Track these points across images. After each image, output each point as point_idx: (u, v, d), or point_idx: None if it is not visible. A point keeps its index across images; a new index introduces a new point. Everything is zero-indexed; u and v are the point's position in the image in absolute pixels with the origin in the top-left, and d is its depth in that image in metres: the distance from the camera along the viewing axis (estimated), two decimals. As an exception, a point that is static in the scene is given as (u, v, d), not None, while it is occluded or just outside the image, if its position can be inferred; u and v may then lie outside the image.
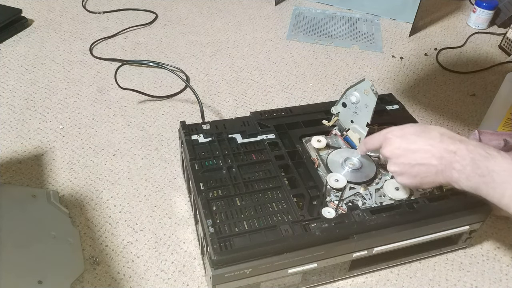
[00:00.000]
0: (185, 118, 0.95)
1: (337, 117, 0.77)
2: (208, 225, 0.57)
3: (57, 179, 0.80)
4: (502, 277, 0.69)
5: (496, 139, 0.85)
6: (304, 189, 0.64)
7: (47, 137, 0.89)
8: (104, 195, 0.78)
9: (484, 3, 1.32)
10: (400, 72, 1.15)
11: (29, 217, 0.69)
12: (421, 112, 1.02)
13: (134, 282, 0.65)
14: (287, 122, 0.76)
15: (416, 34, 1.32)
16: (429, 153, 0.55)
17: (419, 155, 0.56)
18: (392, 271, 0.69)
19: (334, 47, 1.23)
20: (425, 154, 0.56)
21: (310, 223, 0.59)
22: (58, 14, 1.29)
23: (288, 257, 0.57)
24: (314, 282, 0.64)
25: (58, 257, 0.66)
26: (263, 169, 0.67)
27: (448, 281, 0.68)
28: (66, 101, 0.98)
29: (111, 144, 0.88)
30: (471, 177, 0.52)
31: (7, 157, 0.83)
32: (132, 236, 0.71)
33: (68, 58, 1.11)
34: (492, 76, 1.16)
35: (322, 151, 0.72)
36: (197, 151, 0.69)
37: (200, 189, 0.63)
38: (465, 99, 1.07)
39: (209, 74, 1.09)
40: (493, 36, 1.33)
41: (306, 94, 1.05)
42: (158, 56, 1.14)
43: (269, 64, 1.15)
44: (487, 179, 0.51)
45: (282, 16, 1.37)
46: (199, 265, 0.68)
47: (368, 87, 0.68)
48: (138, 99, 1.00)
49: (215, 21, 1.32)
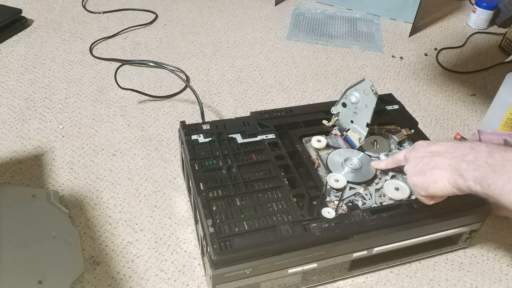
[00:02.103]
0: (185, 118, 0.95)
1: (337, 117, 0.77)
2: (208, 225, 0.57)
3: (57, 179, 0.80)
4: (502, 277, 0.69)
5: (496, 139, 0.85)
6: (304, 189, 0.64)
7: (47, 137, 0.89)
8: (104, 195, 0.78)
9: (484, 3, 1.32)
10: (400, 72, 1.15)
11: (29, 217, 0.69)
12: (421, 112, 1.02)
13: (134, 282, 0.65)
14: (287, 122, 0.76)
15: (416, 34, 1.32)
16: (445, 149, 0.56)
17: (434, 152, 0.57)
18: (392, 271, 0.69)
19: (334, 47, 1.23)
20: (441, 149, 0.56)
21: (310, 223, 0.59)
22: (58, 14, 1.29)
23: (288, 257, 0.57)
24: (314, 282, 0.64)
25: (58, 257, 0.66)
26: (263, 169, 0.67)
27: (448, 281, 0.68)
28: (66, 101, 0.98)
29: (111, 144, 0.88)
30: (480, 167, 0.51)
31: (7, 157, 0.83)
32: (132, 236, 0.71)
33: (68, 58, 1.11)
34: (492, 76, 1.16)
35: (322, 151, 0.72)
36: (197, 151, 0.69)
37: (200, 189, 0.63)
38: (465, 99, 1.07)
39: (209, 74, 1.09)
40: (493, 36, 1.33)
41: (306, 94, 1.05)
42: (158, 56, 1.14)
43: (269, 64, 1.15)
44: (497, 167, 0.49)
45: (282, 16, 1.37)
46: (199, 265, 0.68)
47: (368, 87, 0.68)
48: (138, 99, 1.00)
49: (215, 21, 1.32)
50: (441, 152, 0.56)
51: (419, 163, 0.58)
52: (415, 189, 0.59)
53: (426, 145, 0.60)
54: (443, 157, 0.55)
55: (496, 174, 0.49)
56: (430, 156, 0.57)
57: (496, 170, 0.49)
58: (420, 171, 0.57)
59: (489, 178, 0.49)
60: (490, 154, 0.51)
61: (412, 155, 0.60)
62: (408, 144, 0.74)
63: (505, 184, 0.48)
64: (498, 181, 0.48)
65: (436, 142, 0.59)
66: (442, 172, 0.55)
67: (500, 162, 0.49)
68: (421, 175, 0.57)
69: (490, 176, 0.49)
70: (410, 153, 0.61)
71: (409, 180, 0.59)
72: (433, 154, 0.57)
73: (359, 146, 0.72)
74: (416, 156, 0.59)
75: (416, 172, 0.58)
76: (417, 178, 0.57)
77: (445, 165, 0.54)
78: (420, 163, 0.58)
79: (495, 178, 0.49)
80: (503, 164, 0.49)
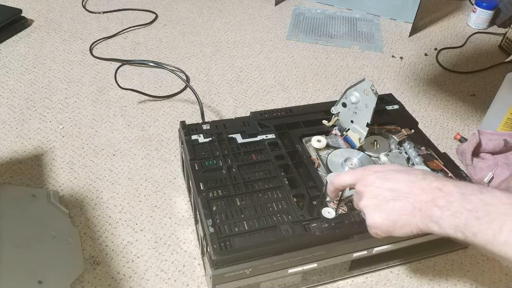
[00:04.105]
0: (185, 118, 0.95)
1: (337, 117, 0.77)
2: (208, 225, 0.57)
3: (57, 179, 0.80)
4: (502, 277, 0.69)
5: (496, 139, 0.85)
6: (304, 189, 0.64)
7: (47, 137, 0.89)
8: (104, 195, 0.78)
9: (484, 3, 1.32)
10: (400, 72, 1.15)
11: (29, 217, 0.69)
12: (421, 112, 1.02)
13: (134, 282, 0.65)
14: (287, 122, 0.76)
15: (416, 34, 1.32)
16: (408, 189, 0.49)
17: (396, 191, 0.50)
18: (392, 271, 0.69)
19: (334, 47, 1.23)
20: (404, 189, 0.50)
21: (310, 223, 0.59)
22: (58, 14, 1.29)
23: (288, 257, 0.57)
24: (314, 282, 0.64)
25: (58, 257, 0.66)
26: (263, 169, 0.67)
27: (448, 281, 0.68)
28: (66, 101, 0.98)
29: (111, 144, 0.88)
30: (458, 214, 0.44)
31: (7, 157, 0.83)
32: (132, 236, 0.71)
33: (68, 58, 1.11)
34: (492, 76, 1.16)
35: (322, 151, 0.72)
36: (197, 151, 0.69)
37: (200, 189, 0.63)
38: (465, 99, 1.07)
39: (209, 74, 1.09)
40: (493, 36, 1.33)
41: (306, 94, 1.05)
42: (158, 56, 1.14)
43: (269, 64, 1.15)
44: (480, 213, 0.43)
45: (282, 16, 1.37)
46: (199, 265, 0.68)
47: (368, 87, 0.68)
48: (138, 99, 1.00)
49: (215, 21, 1.32)
50: (406, 193, 0.49)
51: (382, 204, 0.51)
52: (375, 230, 0.52)
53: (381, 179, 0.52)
54: (408, 200, 0.49)
55: (482, 223, 0.43)
56: (394, 197, 0.50)
57: (479, 217, 0.43)
58: (383, 213, 0.50)
59: (473, 226, 0.43)
60: (465, 197, 0.45)
61: (368, 191, 0.52)
62: (408, 144, 0.74)
63: (497, 234, 0.42)
64: (486, 231, 0.43)
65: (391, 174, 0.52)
66: (410, 218, 0.49)
67: (481, 207, 0.44)
68: (385, 218, 0.50)
69: (474, 225, 0.43)
70: (364, 187, 0.53)
71: (371, 221, 0.52)
72: (397, 195, 0.50)
73: (359, 146, 0.72)
74: (374, 193, 0.52)
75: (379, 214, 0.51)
76: (381, 222, 0.51)
77: (413, 210, 0.48)
78: (384, 205, 0.50)
79: (481, 226, 0.43)
80: (485, 209, 0.43)
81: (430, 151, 0.73)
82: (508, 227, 0.41)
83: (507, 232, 0.41)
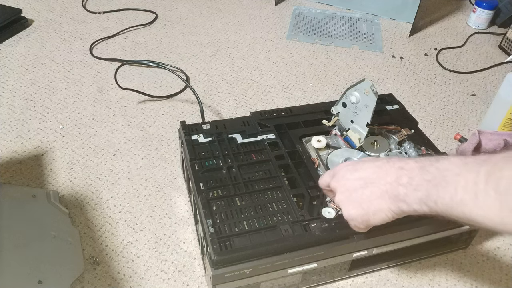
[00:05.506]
0: (185, 118, 0.95)
1: (337, 117, 0.77)
2: (208, 225, 0.57)
3: (57, 179, 0.80)
4: (502, 277, 0.69)
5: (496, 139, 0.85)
6: (304, 189, 0.64)
7: (47, 137, 0.89)
8: (104, 195, 0.78)
9: (484, 3, 1.32)
10: (400, 72, 1.15)
11: (29, 217, 0.69)
12: (421, 112, 1.02)
13: (134, 282, 0.65)
14: (287, 122, 0.76)
15: (416, 34, 1.32)
16: (375, 174, 0.51)
17: (364, 178, 0.51)
18: (392, 271, 0.69)
19: (334, 47, 1.23)
20: (370, 175, 0.51)
21: (310, 223, 0.59)
22: (58, 14, 1.29)
23: (288, 257, 0.57)
24: (314, 282, 0.64)
25: (58, 257, 0.66)
26: (263, 169, 0.67)
27: (448, 281, 0.68)
28: (66, 101, 0.98)
29: (111, 144, 0.88)
30: (420, 186, 0.45)
31: (7, 157, 0.83)
32: (132, 236, 0.71)
33: (68, 58, 1.11)
34: (492, 76, 1.16)
35: (322, 151, 0.72)
36: (197, 151, 0.69)
37: (200, 189, 0.63)
38: (465, 99, 1.07)
39: (209, 74, 1.09)
40: (493, 36, 1.33)
41: (306, 94, 1.05)
42: (158, 56, 1.14)
43: (269, 64, 1.15)
44: (437, 180, 0.44)
45: (282, 16, 1.37)
46: (199, 265, 0.68)
47: (368, 87, 0.68)
48: (138, 99, 1.00)
49: (215, 21, 1.32)
50: (372, 179, 0.51)
51: (352, 194, 0.52)
52: (353, 223, 0.54)
53: (350, 171, 0.54)
54: (376, 185, 0.50)
55: (440, 189, 0.43)
56: (363, 185, 0.51)
57: (437, 185, 0.44)
58: (355, 202, 0.52)
59: (433, 195, 0.44)
60: (423, 169, 0.46)
61: (340, 185, 0.54)
62: (408, 144, 0.74)
63: (453, 195, 0.42)
64: (444, 195, 0.43)
65: (359, 164, 0.54)
66: (380, 202, 0.50)
67: (438, 175, 0.44)
68: (357, 207, 0.52)
69: (434, 193, 0.44)
70: (337, 182, 0.55)
71: (346, 214, 0.54)
72: (365, 182, 0.51)
73: (359, 146, 0.72)
74: (346, 186, 0.53)
75: (351, 204, 0.53)
76: (355, 212, 0.52)
77: (382, 193, 0.49)
78: (354, 194, 0.52)
79: (439, 193, 0.43)
80: (441, 176, 0.44)
81: (430, 151, 0.73)
82: (461, 185, 0.41)
83: (461, 190, 0.41)
